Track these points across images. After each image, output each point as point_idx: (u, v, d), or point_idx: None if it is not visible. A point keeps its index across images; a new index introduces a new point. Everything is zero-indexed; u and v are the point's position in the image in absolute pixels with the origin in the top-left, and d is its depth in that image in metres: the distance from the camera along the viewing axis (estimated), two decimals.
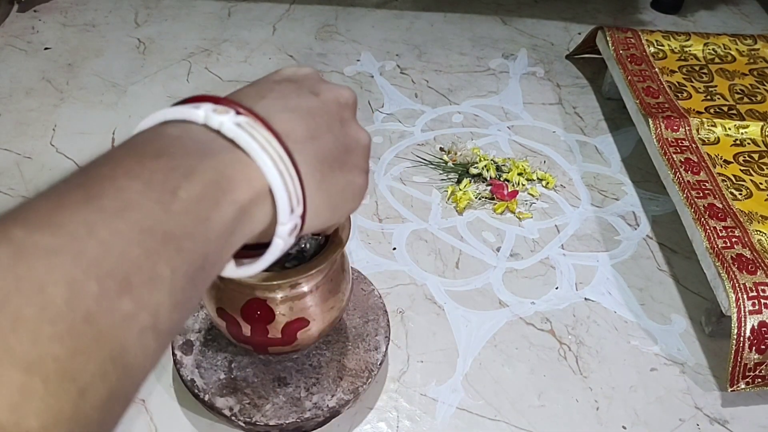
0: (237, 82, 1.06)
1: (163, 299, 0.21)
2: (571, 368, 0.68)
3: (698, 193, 0.76)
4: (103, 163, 0.22)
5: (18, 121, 0.96)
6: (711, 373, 0.68)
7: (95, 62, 1.09)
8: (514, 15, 1.28)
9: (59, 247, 0.18)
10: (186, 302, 0.22)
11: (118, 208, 0.20)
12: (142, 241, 0.20)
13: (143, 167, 0.22)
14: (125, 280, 0.19)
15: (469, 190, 0.86)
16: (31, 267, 0.18)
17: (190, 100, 0.26)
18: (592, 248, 0.81)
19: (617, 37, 1.02)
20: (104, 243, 0.19)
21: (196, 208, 0.22)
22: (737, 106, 0.91)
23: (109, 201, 0.20)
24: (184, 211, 0.22)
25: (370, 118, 0.99)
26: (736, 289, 0.64)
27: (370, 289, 0.67)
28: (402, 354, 0.68)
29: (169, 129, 0.25)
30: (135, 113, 0.99)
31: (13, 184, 0.86)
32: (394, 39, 1.19)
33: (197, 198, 0.23)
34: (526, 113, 1.03)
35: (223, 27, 1.20)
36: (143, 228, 0.20)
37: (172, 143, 0.24)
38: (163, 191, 0.22)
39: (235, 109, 0.26)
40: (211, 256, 0.23)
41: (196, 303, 0.23)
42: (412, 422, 0.62)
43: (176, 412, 0.62)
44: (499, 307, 0.73)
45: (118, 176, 0.21)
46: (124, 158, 0.22)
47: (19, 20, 1.19)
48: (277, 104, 0.28)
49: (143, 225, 0.20)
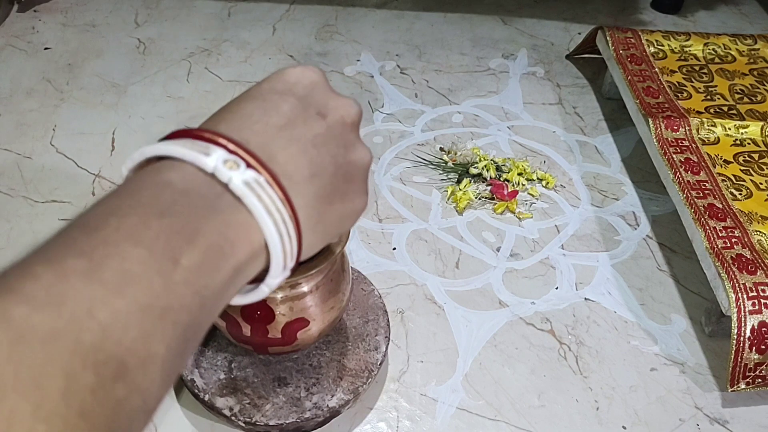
0: (237, 82, 1.06)
1: (155, 377, 0.20)
2: (571, 368, 0.68)
3: (698, 193, 0.76)
4: (106, 221, 0.22)
5: (18, 121, 0.96)
6: (711, 373, 0.68)
7: (95, 62, 1.09)
8: (514, 15, 1.28)
9: (59, 332, 0.18)
10: (174, 374, 0.22)
11: (119, 284, 0.20)
12: (140, 321, 0.20)
13: (148, 228, 0.22)
14: (121, 365, 0.19)
15: (469, 190, 0.86)
16: (30, 356, 0.17)
17: (193, 135, 0.25)
18: (592, 248, 0.81)
19: (617, 37, 1.02)
20: (104, 327, 0.19)
21: (196, 277, 0.22)
22: (737, 106, 0.91)
23: (111, 274, 0.20)
24: (184, 282, 0.22)
25: (370, 118, 0.99)
26: (736, 289, 0.64)
27: (370, 289, 0.67)
28: (402, 354, 0.68)
29: (175, 179, 0.24)
30: (135, 113, 0.99)
31: (13, 184, 0.86)
32: (394, 39, 1.19)
33: (198, 265, 0.22)
34: (526, 113, 1.03)
35: (223, 27, 1.20)
36: (143, 306, 0.20)
37: (178, 200, 0.23)
38: (166, 259, 0.21)
39: (245, 161, 0.25)
40: (204, 322, 0.23)
41: (182, 371, 0.23)
42: (412, 422, 0.62)
43: (176, 412, 0.62)
44: (499, 307, 0.73)
45: (121, 241, 0.21)
46: (129, 215, 0.22)
47: (19, 20, 1.19)
48: (282, 136, 0.27)
49: (143, 302, 0.20)
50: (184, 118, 0.97)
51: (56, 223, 0.80)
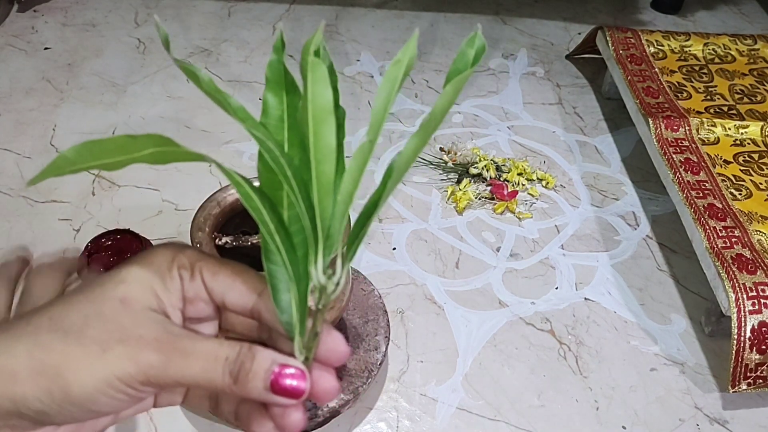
0: (237, 82, 1.06)
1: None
2: (570, 368, 0.68)
3: (698, 193, 0.76)
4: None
5: (18, 121, 0.96)
6: (711, 373, 0.68)
7: (95, 62, 1.09)
8: (514, 15, 1.28)
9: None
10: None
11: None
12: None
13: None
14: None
15: (469, 190, 0.86)
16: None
17: None
18: (592, 248, 0.81)
19: (617, 37, 1.02)
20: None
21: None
22: (737, 106, 0.91)
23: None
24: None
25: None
26: (736, 289, 0.64)
27: (370, 289, 0.67)
28: (402, 354, 0.68)
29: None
30: (135, 113, 0.99)
31: (13, 184, 0.86)
32: (394, 39, 1.19)
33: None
34: (526, 113, 1.03)
35: (223, 27, 1.20)
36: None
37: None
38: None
39: None
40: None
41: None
42: (412, 422, 0.62)
43: (176, 412, 0.62)
44: (499, 307, 0.73)
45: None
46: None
47: (19, 20, 1.19)
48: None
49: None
50: (184, 118, 0.97)
51: (56, 223, 0.80)
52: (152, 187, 0.86)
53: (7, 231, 0.79)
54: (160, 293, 0.26)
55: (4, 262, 0.29)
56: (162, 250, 0.27)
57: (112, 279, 0.25)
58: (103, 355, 0.23)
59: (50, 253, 0.30)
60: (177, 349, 0.24)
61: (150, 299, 0.25)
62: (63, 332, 0.24)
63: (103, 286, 0.25)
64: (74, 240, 0.78)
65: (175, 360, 0.24)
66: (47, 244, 0.77)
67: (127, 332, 0.24)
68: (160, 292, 0.26)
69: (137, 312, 0.25)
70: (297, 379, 0.25)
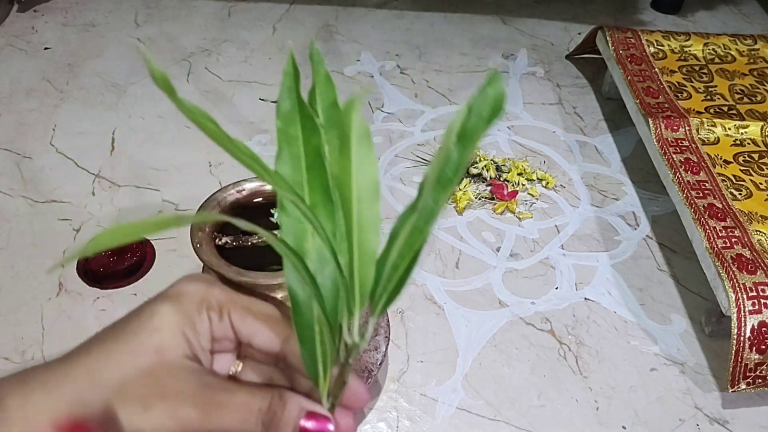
0: (237, 82, 1.06)
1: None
2: (570, 368, 0.68)
3: (698, 193, 0.76)
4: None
5: (18, 121, 0.96)
6: (711, 373, 0.68)
7: (95, 62, 1.09)
8: (514, 15, 1.28)
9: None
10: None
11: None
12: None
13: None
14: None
15: (469, 190, 0.86)
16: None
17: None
18: (592, 248, 0.81)
19: (617, 37, 1.02)
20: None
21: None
22: (737, 106, 0.91)
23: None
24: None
25: (370, 118, 0.99)
26: (736, 289, 0.64)
27: None
28: (402, 354, 0.68)
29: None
30: (135, 113, 0.99)
31: (13, 184, 0.86)
32: (394, 39, 1.19)
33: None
34: (526, 113, 1.03)
35: (223, 27, 1.20)
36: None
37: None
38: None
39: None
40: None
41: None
42: (412, 422, 0.62)
43: None
44: (499, 307, 0.73)
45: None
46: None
47: (19, 20, 1.19)
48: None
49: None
50: (185, 119, 0.97)
51: (56, 223, 0.80)
52: (152, 187, 0.86)
53: (7, 231, 0.79)
54: (191, 338, 0.26)
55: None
56: (191, 287, 0.27)
57: (146, 327, 0.26)
58: (144, 413, 0.24)
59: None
60: (213, 403, 0.25)
61: (183, 346, 0.26)
62: (102, 388, 0.24)
63: (137, 336, 0.25)
64: (74, 240, 0.78)
65: (212, 414, 0.25)
66: (47, 244, 0.78)
67: (166, 388, 0.25)
68: (191, 336, 0.26)
69: (173, 363, 0.25)
70: (323, 425, 0.26)
